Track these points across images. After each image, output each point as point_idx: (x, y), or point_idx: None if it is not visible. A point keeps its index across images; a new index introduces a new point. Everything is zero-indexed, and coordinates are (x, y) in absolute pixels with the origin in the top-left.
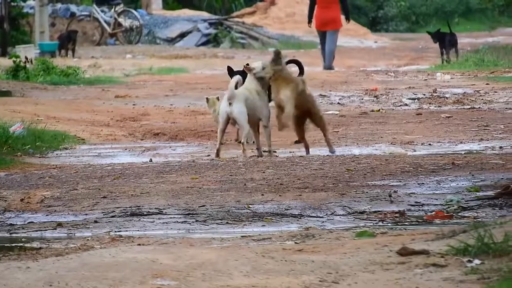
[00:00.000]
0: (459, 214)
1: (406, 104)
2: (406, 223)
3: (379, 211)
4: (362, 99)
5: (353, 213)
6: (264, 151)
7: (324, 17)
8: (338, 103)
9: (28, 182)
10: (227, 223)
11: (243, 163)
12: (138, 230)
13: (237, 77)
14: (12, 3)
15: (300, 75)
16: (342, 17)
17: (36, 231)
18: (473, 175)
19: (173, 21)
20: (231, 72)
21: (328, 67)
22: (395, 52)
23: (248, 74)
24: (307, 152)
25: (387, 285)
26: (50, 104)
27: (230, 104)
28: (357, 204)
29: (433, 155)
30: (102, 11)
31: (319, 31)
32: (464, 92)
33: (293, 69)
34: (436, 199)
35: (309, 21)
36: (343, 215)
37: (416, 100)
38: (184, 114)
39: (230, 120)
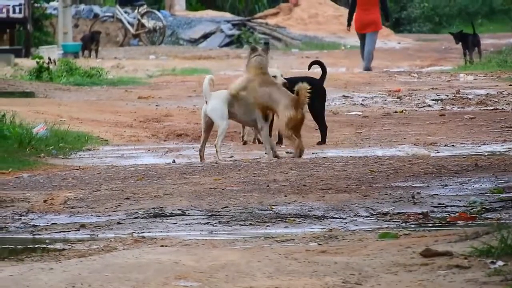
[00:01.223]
0: (482, 215)
1: (429, 105)
2: (429, 225)
3: (402, 212)
4: (385, 100)
5: (376, 214)
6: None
7: (364, 20)
8: (361, 104)
9: (51, 183)
10: (250, 224)
11: (266, 164)
12: (161, 232)
13: (209, 76)
14: (36, 4)
15: (323, 76)
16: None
17: (59, 232)
18: (496, 177)
19: (196, 22)
20: None
21: (367, 68)
22: (418, 53)
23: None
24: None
25: (410, 286)
26: (73, 105)
27: (206, 102)
28: (380, 206)
29: (456, 156)
30: (125, 12)
31: (359, 33)
32: (487, 93)
33: (316, 70)
34: (459, 201)
35: (349, 24)
36: (366, 216)
37: (439, 101)
38: None
39: (207, 119)
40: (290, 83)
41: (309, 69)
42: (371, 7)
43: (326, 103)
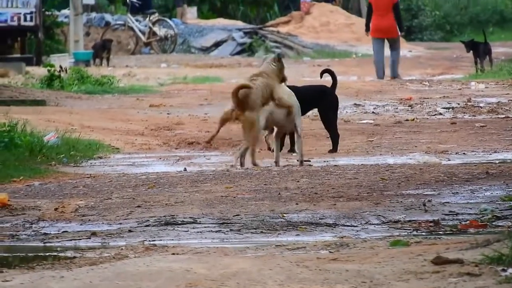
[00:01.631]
0: (493, 223)
1: (440, 113)
2: (440, 232)
3: (413, 220)
4: (397, 108)
5: (387, 222)
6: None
7: (380, 25)
8: (373, 112)
9: (62, 191)
10: (262, 232)
11: (277, 172)
12: (173, 239)
13: None
14: (47, 12)
15: (334, 84)
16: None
17: (70, 240)
18: (507, 184)
19: (208, 30)
20: None
21: (395, 76)
22: (429, 61)
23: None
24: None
25: None
26: (84, 113)
27: None
28: (392, 213)
29: (467, 164)
30: (136, 20)
31: (374, 38)
32: (499, 102)
33: (328, 78)
34: (470, 208)
35: (367, 29)
36: (377, 224)
37: (451, 109)
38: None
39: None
40: (303, 92)
41: (321, 77)
42: (385, 13)
43: (337, 112)
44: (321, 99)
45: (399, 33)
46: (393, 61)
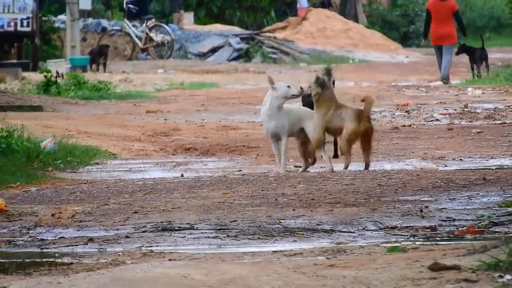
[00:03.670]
0: (491, 229)
1: (437, 119)
2: (438, 239)
3: (410, 226)
4: (394, 114)
5: (384, 228)
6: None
7: (439, 33)
8: None
9: (59, 197)
10: (259, 238)
11: (274, 178)
12: (170, 245)
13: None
14: (44, 18)
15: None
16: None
17: (67, 246)
18: (504, 191)
19: (205, 36)
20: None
21: (445, 77)
22: (426, 67)
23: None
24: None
25: None
26: (81, 119)
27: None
28: (389, 219)
29: (464, 170)
30: (133, 26)
31: (435, 46)
32: (495, 107)
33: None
34: (467, 214)
35: (425, 37)
36: (374, 230)
37: (448, 115)
38: (216, 129)
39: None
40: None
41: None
42: (445, 21)
43: None
44: None
45: (458, 40)
46: (446, 66)
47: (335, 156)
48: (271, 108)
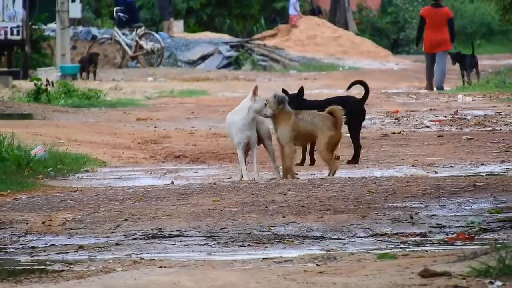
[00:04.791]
0: (481, 236)
1: (427, 126)
2: (428, 245)
3: (400, 233)
4: (383, 121)
5: (374, 235)
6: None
7: (434, 40)
8: None
9: (50, 204)
10: (249, 245)
11: (265, 185)
12: (160, 253)
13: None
14: (34, 26)
15: (364, 96)
16: None
17: (58, 253)
18: (494, 197)
19: (195, 43)
20: (286, 95)
21: (440, 87)
22: (416, 74)
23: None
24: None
25: None
26: (71, 127)
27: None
28: (379, 226)
29: (455, 177)
30: (123, 34)
31: (428, 53)
32: (486, 114)
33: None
34: (458, 221)
35: (417, 44)
36: (364, 237)
37: (438, 122)
38: (206, 136)
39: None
40: (325, 104)
41: (348, 88)
42: (439, 28)
43: (362, 123)
44: (347, 110)
45: (451, 46)
46: (440, 74)
47: (312, 163)
48: (247, 118)
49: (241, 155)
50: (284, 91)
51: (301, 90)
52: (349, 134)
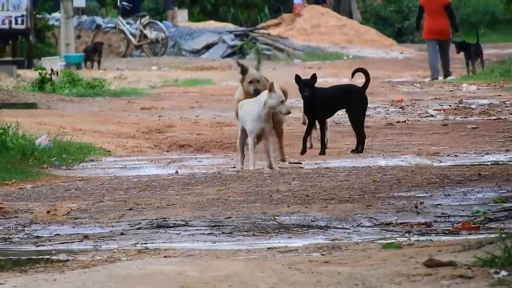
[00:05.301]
0: (486, 225)
1: (432, 115)
2: (433, 235)
3: (405, 222)
4: (388, 110)
5: (379, 224)
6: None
7: (432, 26)
8: None
9: (54, 194)
10: (253, 235)
11: (269, 174)
12: (165, 242)
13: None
14: (38, 16)
15: (365, 84)
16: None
17: (63, 243)
18: (499, 186)
19: (199, 33)
20: (299, 81)
21: (447, 75)
22: (420, 63)
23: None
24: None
25: None
26: (76, 116)
27: None
28: (384, 216)
29: (459, 166)
30: (127, 23)
31: (428, 40)
32: (490, 103)
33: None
34: (463, 210)
35: (417, 29)
36: (369, 226)
37: (442, 111)
38: (210, 125)
39: None
40: (330, 92)
41: (352, 77)
42: (437, 15)
43: (365, 112)
44: (349, 99)
45: (451, 35)
46: (446, 63)
47: (322, 153)
48: (263, 111)
49: (250, 144)
50: (297, 76)
51: (314, 76)
52: (350, 123)
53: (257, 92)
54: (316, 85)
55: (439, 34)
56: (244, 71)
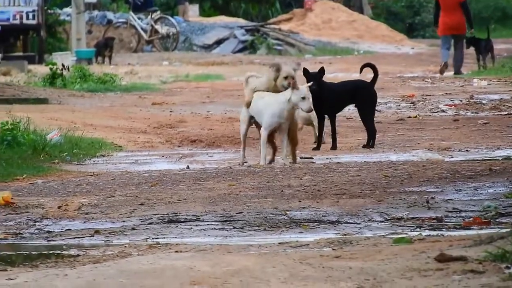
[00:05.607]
0: (497, 220)
1: (443, 110)
2: (444, 230)
3: (416, 217)
4: (399, 105)
5: (390, 219)
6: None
7: (447, 22)
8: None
9: (66, 189)
10: (265, 229)
11: (280, 169)
12: (176, 237)
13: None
14: (49, 11)
15: (374, 79)
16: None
17: (74, 238)
18: (510, 181)
19: (210, 28)
20: (306, 74)
21: (459, 71)
22: (431, 58)
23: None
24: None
25: None
26: (87, 112)
27: None
28: (395, 211)
29: (470, 161)
30: (139, 18)
31: (444, 36)
32: (501, 98)
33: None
34: (474, 205)
35: (435, 24)
36: (380, 221)
37: (453, 106)
38: (221, 121)
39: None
40: (340, 87)
41: (360, 72)
42: (453, 11)
43: (375, 107)
44: (358, 94)
45: (467, 31)
46: (458, 58)
47: (334, 147)
48: (284, 107)
49: (264, 138)
50: (305, 69)
51: (322, 69)
52: (360, 119)
53: None
54: (326, 80)
55: (455, 29)
56: (278, 69)
